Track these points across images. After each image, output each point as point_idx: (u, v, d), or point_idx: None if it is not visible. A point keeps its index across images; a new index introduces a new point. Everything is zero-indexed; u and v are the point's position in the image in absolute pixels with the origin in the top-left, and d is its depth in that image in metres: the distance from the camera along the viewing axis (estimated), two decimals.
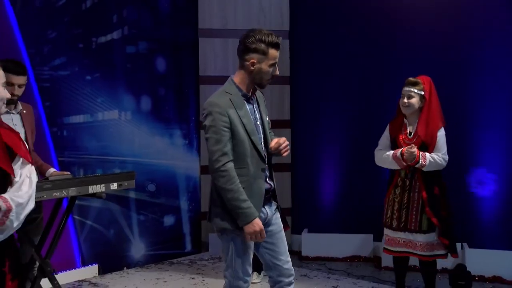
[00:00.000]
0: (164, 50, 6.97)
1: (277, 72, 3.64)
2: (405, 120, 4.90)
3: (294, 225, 7.29)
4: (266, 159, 3.63)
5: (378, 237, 6.52)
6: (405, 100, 4.78)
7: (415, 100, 4.77)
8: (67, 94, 6.08)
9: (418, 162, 4.68)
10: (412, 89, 4.77)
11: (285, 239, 3.76)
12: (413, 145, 4.72)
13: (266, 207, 3.63)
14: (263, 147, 3.61)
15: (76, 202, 4.69)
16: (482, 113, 6.24)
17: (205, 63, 7.17)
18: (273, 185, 3.69)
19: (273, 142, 3.61)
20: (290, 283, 3.74)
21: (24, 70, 4.55)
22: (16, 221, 2.81)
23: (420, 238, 4.81)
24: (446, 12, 6.47)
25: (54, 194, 4.08)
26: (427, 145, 4.75)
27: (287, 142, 3.63)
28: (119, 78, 6.54)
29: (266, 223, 3.63)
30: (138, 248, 6.68)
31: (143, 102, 6.75)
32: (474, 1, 6.36)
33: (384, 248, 5.09)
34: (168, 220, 7.01)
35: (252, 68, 3.52)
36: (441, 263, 5.52)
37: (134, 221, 6.64)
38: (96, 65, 6.32)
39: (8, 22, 5.62)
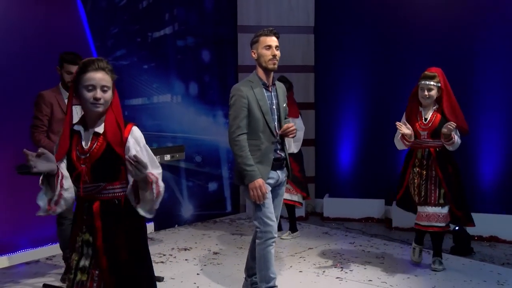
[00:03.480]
0: (209, 44, 6.94)
1: (277, 53, 3.79)
2: (421, 108, 4.71)
3: (317, 191, 7.27)
4: (278, 135, 3.83)
5: (388, 201, 6.47)
6: (426, 93, 4.58)
7: (434, 92, 4.60)
8: (128, 81, 6.10)
9: (451, 140, 4.49)
10: (431, 82, 4.57)
11: (281, 205, 4.05)
12: (452, 122, 4.46)
13: (278, 171, 3.87)
14: (275, 125, 3.83)
15: None
16: (484, 97, 6.10)
17: (243, 55, 7.12)
18: (283, 155, 3.90)
19: (284, 126, 3.83)
20: (271, 238, 3.87)
21: (80, 60, 4.50)
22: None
23: (438, 210, 4.64)
24: (454, 12, 6.31)
25: None
26: (438, 131, 4.57)
27: (294, 128, 3.82)
28: (171, 67, 6.54)
29: (278, 184, 3.91)
30: (187, 209, 6.72)
31: (191, 87, 6.76)
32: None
33: (416, 224, 4.72)
34: (212, 185, 7.04)
35: (255, 57, 3.83)
36: None
37: (183, 186, 6.68)
38: (151, 56, 6.32)
39: (80, 21, 5.65)
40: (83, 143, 2.58)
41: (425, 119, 4.66)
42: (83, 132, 2.61)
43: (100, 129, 2.60)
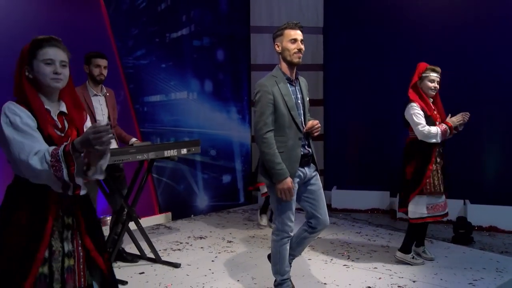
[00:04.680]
0: (223, 43, 6.96)
1: (302, 47, 3.53)
2: (431, 100, 4.58)
3: (325, 183, 7.27)
4: (304, 131, 3.59)
5: (393, 193, 6.47)
6: (436, 85, 4.48)
7: (439, 84, 4.58)
8: (147, 78, 6.15)
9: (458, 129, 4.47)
10: (439, 75, 4.49)
11: (323, 196, 3.76)
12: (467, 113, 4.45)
13: (306, 168, 3.63)
14: (301, 120, 3.59)
15: (154, 163, 4.75)
16: (484, 92, 6.10)
17: (255, 54, 7.15)
18: (311, 151, 3.67)
19: (309, 123, 3.60)
20: (323, 229, 3.78)
21: (105, 56, 4.59)
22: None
23: (444, 198, 4.61)
24: (454, 13, 6.30)
25: (137, 157, 4.14)
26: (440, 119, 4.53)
27: (319, 125, 3.62)
28: (187, 66, 6.57)
29: (306, 181, 3.66)
30: (202, 200, 6.76)
31: (206, 85, 6.78)
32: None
33: (428, 217, 4.51)
34: (226, 178, 7.07)
35: (279, 50, 3.55)
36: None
37: (199, 178, 6.71)
38: (169, 56, 6.35)
39: (103, 22, 5.71)
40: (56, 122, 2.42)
41: (435, 110, 4.63)
42: (52, 110, 2.43)
43: (63, 108, 2.46)
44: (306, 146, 3.63)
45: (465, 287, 4.06)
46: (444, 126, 4.44)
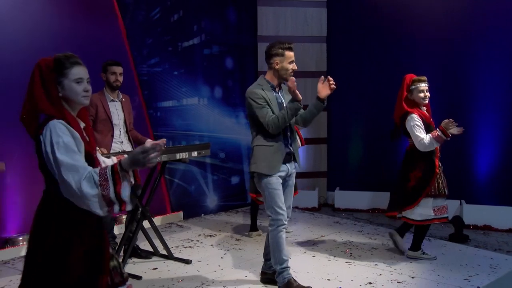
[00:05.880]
0: (232, 52, 6.99)
1: (296, 67, 3.83)
2: (423, 108, 4.59)
3: (329, 184, 7.31)
4: (288, 130, 3.86)
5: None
6: (427, 93, 4.48)
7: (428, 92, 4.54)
8: (160, 85, 6.19)
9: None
10: (427, 84, 4.49)
11: (292, 194, 4.02)
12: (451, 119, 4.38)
13: (287, 164, 3.87)
14: None
15: (167, 165, 4.77)
16: (480, 96, 6.13)
17: (262, 62, 6.99)
18: (292, 150, 3.90)
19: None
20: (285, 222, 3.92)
21: (120, 63, 4.63)
22: None
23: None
24: (449, 21, 6.34)
25: None
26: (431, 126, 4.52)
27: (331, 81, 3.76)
28: (198, 73, 6.61)
29: (288, 176, 3.91)
30: (212, 200, 6.78)
31: (216, 91, 6.81)
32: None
33: (435, 218, 4.48)
34: (234, 179, 7.09)
35: (277, 67, 3.81)
36: None
37: (209, 180, 6.74)
38: (181, 63, 6.40)
39: (119, 32, 5.78)
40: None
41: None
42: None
43: (81, 123, 2.42)
44: (289, 145, 3.88)
45: (461, 283, 4.08)
46: (436, 132, 4.38)
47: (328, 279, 4.20)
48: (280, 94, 3.93)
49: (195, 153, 4.55)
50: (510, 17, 5.97)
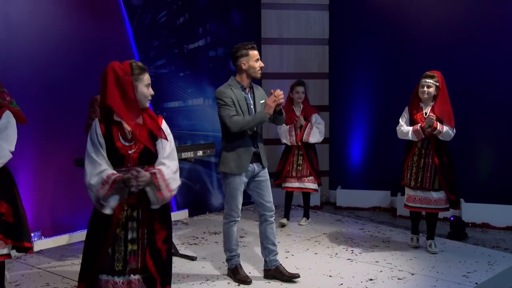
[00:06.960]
0: None
1: (262, 64, 3.97)
2: (421, 104, 4.78)
3: (330, 183, 7.32)
4: (255, 132, 3.99)
5: (394, 193, 6.51)
6: (425, 89, 4.66)
7: (432, 89, 4.66)
8: (166, 86, 6.22)
9: (436, 129, 4.56)
10: (430, 81, 4.65)
11: (269, 187, 4.13)
12: (432, 114, 4.62)
13: (254, 164, 4.02)
14: None
15: None
16: (482, 98, 6.17)
17: (266, 63, 7.04)
18: (258, 151, 4.03)
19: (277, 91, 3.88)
20: (271, 216, 4.14)
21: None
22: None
23: (433, 195, 4.72)
24: (450, 23, 6.36)
25: None
26: (440, 122, 4.62)
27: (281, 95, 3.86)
28: (203, 75, 6.63)
29: (255, 175, 4.05)
30: (216, 198, 6.79)
31: None
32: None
33: (405, 205, 4.89)
34: None
35: (244, 67, 3.94)
36: (441, 214, 5.46)
37: (214, 178, 6.76)
38: (187, 65, 6.43)
39: (127, 35, 5.82)
40: (127, 132, 2.75)
41: (425, 113, 4.73)
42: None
43: (140, 120, 2.79)
44: (255, 146, 4.01)
45: (460, 279, 4.12)
46: (416, 126, 4.67)
47: (330, 276, 4.24)
48: (250, 95, 4.02)
49: (200, 153, 4.61)
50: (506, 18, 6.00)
